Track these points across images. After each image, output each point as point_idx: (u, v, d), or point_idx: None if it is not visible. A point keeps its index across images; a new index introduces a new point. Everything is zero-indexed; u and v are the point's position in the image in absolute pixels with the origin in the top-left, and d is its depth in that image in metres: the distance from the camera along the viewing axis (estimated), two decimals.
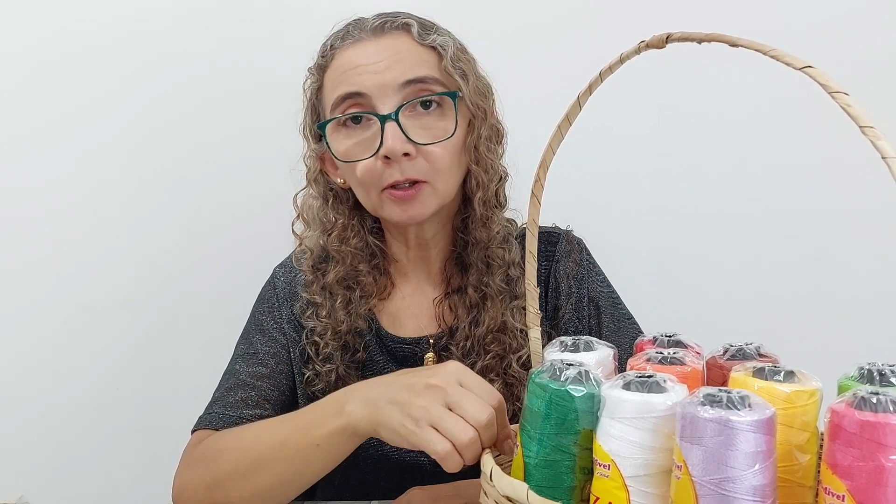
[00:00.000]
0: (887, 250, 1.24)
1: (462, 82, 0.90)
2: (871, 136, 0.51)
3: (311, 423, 0.78)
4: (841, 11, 1.29)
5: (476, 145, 0.92)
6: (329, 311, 0.95)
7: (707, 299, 1.38)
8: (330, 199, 0.97)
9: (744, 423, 0.50)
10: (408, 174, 0.87)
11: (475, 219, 0.94)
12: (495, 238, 0.95)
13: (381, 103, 0.87)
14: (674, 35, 0.62)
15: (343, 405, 0.75)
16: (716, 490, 0.51)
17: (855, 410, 0.51)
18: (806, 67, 0.54)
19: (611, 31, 1.24)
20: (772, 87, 1.22)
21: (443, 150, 0.89)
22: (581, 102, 0.68)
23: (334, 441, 0.76)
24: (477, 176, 0.93)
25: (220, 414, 0.92)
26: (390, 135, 0.86)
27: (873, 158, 0.50)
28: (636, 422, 0.56)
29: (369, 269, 0.97)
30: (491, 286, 0.94)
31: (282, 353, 0.98)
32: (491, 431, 0.68)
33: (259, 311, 1.01)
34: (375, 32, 0.90)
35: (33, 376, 1.38)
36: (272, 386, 0.95)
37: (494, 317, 0.92)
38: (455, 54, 0.91)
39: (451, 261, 0.99)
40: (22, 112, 1.34)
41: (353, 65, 0.89)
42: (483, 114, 0.92)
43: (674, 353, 0.65)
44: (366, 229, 0.98)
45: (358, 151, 0.89)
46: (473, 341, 0.93)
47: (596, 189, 1.35)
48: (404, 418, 0.69)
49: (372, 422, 0.72)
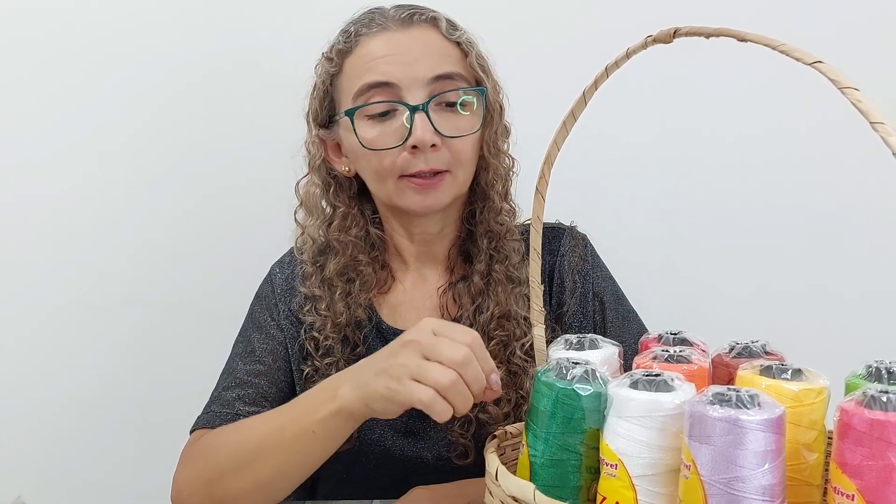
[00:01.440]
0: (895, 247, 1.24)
1: (485, 78, 0.93)
2: (883, 133, 0.50)
3: (305, 410, 0.78)
4: (849, 9, 1.29)
5: (494, 140, 0.95)
6: (328, 304, 0.95)
7: (712, 296, 1.38)
8: (331, 187, 0.97)
9: (753, 423, 0.50)
10: (432, 164, 0.88)
11: (490, 209, 0.96)
12: (510, 229, 0.97)
13: (409, 94, 0.88)
14: (681, 29, 0.62)
15: (335, 389, 0.76)
16: (725, 490, 0.50)
17: (864, 409, 0.50)
18: (816, 63, 0.53)
19: (618, 25, 1.22)
20: (779, 84, 1.21)
21: (466, 143, 0.91)
22: (587, 98, 0.67)
23: (330, 425, 0.76)
24: (495, 169, 0.96)
25: (218, 413, 0.91)
26: (420, 126, 0.86)
27: (884, 155, 0.50)
28: (644, 421, 0.55)
29: (369, 261, 0.97)
30: (498, 273, 0.94)
31: (279, 350, 0.97)
32: (471, 369, 0.67)
33: (256, 308, 1.01)
34: (404, 23, 0.90)
35: (30, 374, 1.37)
36: (270, 384, 0.94)
37: (499, 304, 0.93)
38: (477, 51, 0.93)
39: (455, 248, 1.00)
40: (19, 108, 1.33)
41: (382, 53, 0.89)
42: (500, 109, 0.95)
43: (680, 350, 0.65)
44: (366, 219, 0.98)
45: (383, 140, 0.89)
46: (477, 328, 0.92)
47: (601, 186, 1.34)
48: (388, 381, 0.69)
49: (363, 399, 0.73)
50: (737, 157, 1.35)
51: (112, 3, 1.32)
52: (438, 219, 0.96)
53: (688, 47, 0.65)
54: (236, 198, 1.36)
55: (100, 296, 1.37)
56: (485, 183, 0.96)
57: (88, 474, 1.39)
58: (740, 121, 1.34)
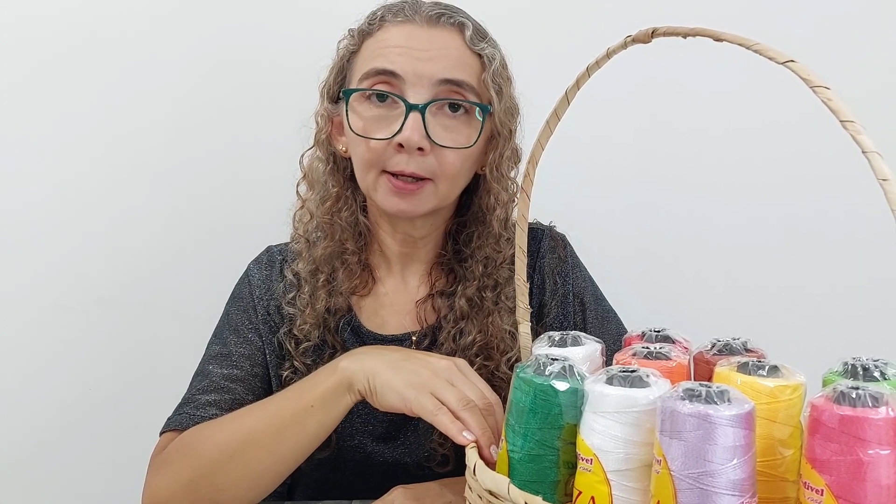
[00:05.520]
0: (877, 246, 1.23)
1: (496, 98, 0.89)
2: (852, 131, 0.50)
3: (303, 389, 0.80)
4: (827, 7, 1.30)
5: (498, 164, 0.92)
6: (311, 292, 0.93)
7: (701, 295, 1.38)
8: (330, 163, 0.95)
9: (722, 418, 0.51)
10: (415, 168, 0.86)
11: (489, 235, 0.94)
12: (507, 259, 0.94)
13: (412, 91, 0.86)
14: (659, 29, 0.62)
15: (335, 364, 0.79)
16: (694, 484, 0.51)
17: (834, 405, 0.51)
18: (788, 62, 0.54)
19: (599, 26, 1.22)
20: (757, 83, 1.21)
21: (456, 155, 0.88)
22: (569, 98, 0.68)
23: (329, 398, 0.78)
24: (497, 194, 0.93)
25: (192, 415, 0.88)
26: (411, 125, 0.85)
27: (857, 153, 0.50)
28: (618, 416, 0.56)
29: (355, 250, 0.95)
30: (487, 301, 0.93)
31: (257, 355, 0.95)
32: (481, 419, 0.70)
33: (233, 310, 0.98)
34: (430, 21, 0.89)
35: (2, 376, 1.34)
36: (246, 390, 0.92)
37: (483, 331, 0.92)
38: (497, 69, 0.90)
39: (437, 265, 0.98)
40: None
41: (398, 43, 0.87)
42: (508, 133, 0.92)
43: (660, 347, 0.65)
44: (357, 204, 0.96)
45: (374, 129, 0.87)
46: (459, 353, 0.92)
47: (581, 185, 1.34)
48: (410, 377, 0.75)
49: (367, 373, 0.76)
50: (716, 156, 1.35)
51: (95, 5, 1.29)
52: (420, 224, 0.94)
53: (667, 47, 0.66)
54: (214, 198, 1.34)
55: (75, 296, 1.33)
56: (485, 207, 0.94)
57: (63, 478, 1.36)
58: (719, 119, 1.34)
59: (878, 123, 0.61)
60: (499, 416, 0.72)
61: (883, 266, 1.30)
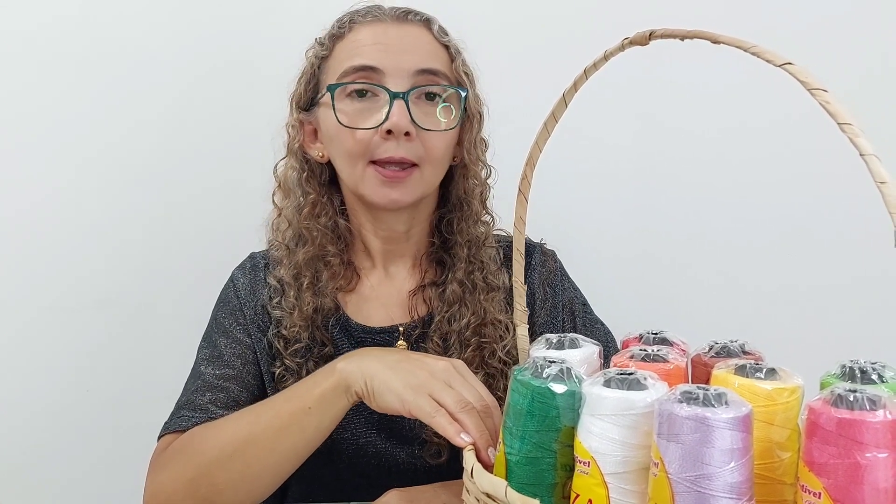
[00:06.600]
0: (875, 248, 1.23)
1: (468, 83, 0.96)
2: (850, 133, 0.50)
3: (301, 390, 0.81)
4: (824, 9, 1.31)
5: (475, 144, 0.97)
6: (296, 293, 0.95)
7: (699, 297, 1.37)
8: (304, 172, 0.98)
9: (720, 421, 0.50)
10: (403, 153, 0.90)
11: (470, 217, 0.98)
12: (489, 237, 0.99)
13: (392, 82, 0.90)
14: (657, 32, 0.62)
15: (333, 366, 0.79)
16: (692, 487, 0.51)
17: (832, 408, 0.51)
18: (786, 64, 0.54)
19: (596, 29, 1.22)
20: (755, 85, 1.21)
21: (440, 139, 0.93)
22: (567, 100, 0.68)
23: (327, 399, 0.78)
24: (475, 175, 0.98)
25: (190, 416, 0.89)
26: (397, 112, 0.88)
27: (855, 155, 0.50)
28: (616, 419, 0.56)
29: (337, 252, 0.97)
30: (477, 280, 0.96)
31: (248, 353, 0.96)
32: (479, 421, 0.70)
33: (220, 314, 0.99)
34: (399, 19, 0.94)
35: (1, 377, 1.33)
36: (241, 388, 0.93)
37: (476, 312, 0.95)
38: (463, 58, 0.97)
39: (427, 256, 1.01)
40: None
41: (373, 41, 0.92)
42: (479, 116, 0.98)
43: (657, 350, 0.65)
44: (335, 209, 0.98)
45: (360, 120, 0.90)
46: (452, 336, 0.94)
47: (581, 187, 1.34)
48: (408, 378, 0.75)
49: (365, 375, 0.77)
50: (714, 158, 1.35)
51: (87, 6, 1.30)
52: (405, 218, 0.97)
53: (664, 50, 0.66)
54: (213, 199, 1.35)
55: (72, 298, 1.33)
56: (464, 190, 0.98)
57: (63, 478, 1.36)
58: (716, 121, 1.34)
59: (876, 126, 0.61)
60: (496, 419, 0.72)
61: (881, 268, 1.30)
